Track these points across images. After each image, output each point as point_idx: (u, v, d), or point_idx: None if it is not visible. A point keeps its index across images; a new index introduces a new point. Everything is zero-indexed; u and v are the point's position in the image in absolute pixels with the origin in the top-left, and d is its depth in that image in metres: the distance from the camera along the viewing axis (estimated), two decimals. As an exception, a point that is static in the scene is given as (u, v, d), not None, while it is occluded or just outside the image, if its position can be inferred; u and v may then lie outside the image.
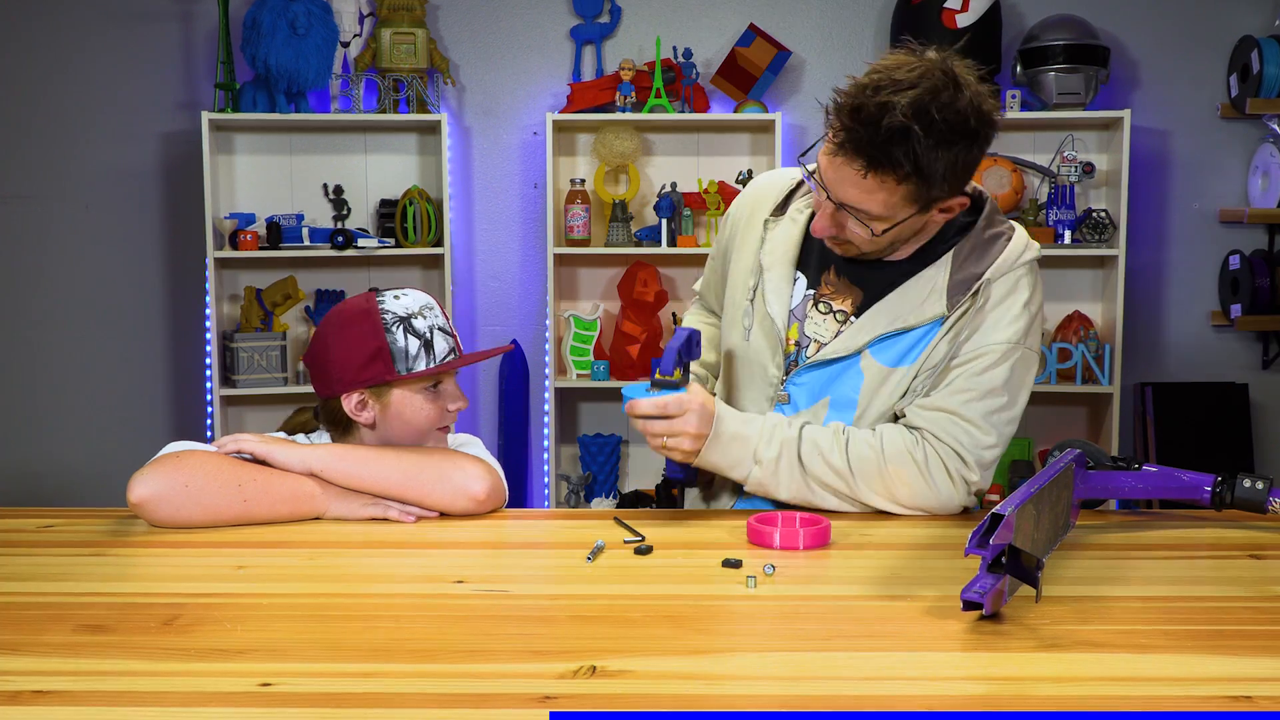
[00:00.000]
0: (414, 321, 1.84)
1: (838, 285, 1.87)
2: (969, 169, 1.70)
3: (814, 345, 1.86)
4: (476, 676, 1.14)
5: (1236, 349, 4.46)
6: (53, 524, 1.76)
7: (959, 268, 1.80)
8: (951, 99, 1.64)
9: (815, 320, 1.87)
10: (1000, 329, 1.79)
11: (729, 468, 1.78)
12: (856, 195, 1.69)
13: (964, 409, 1.78)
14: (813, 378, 1.85)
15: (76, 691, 1.11)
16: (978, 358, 1.78)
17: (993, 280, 1.79)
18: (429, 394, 1.87)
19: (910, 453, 1.77)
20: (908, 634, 1.26)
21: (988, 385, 1.78)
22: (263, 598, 1.40)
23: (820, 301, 1.87)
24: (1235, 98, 4.31)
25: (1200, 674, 1.14)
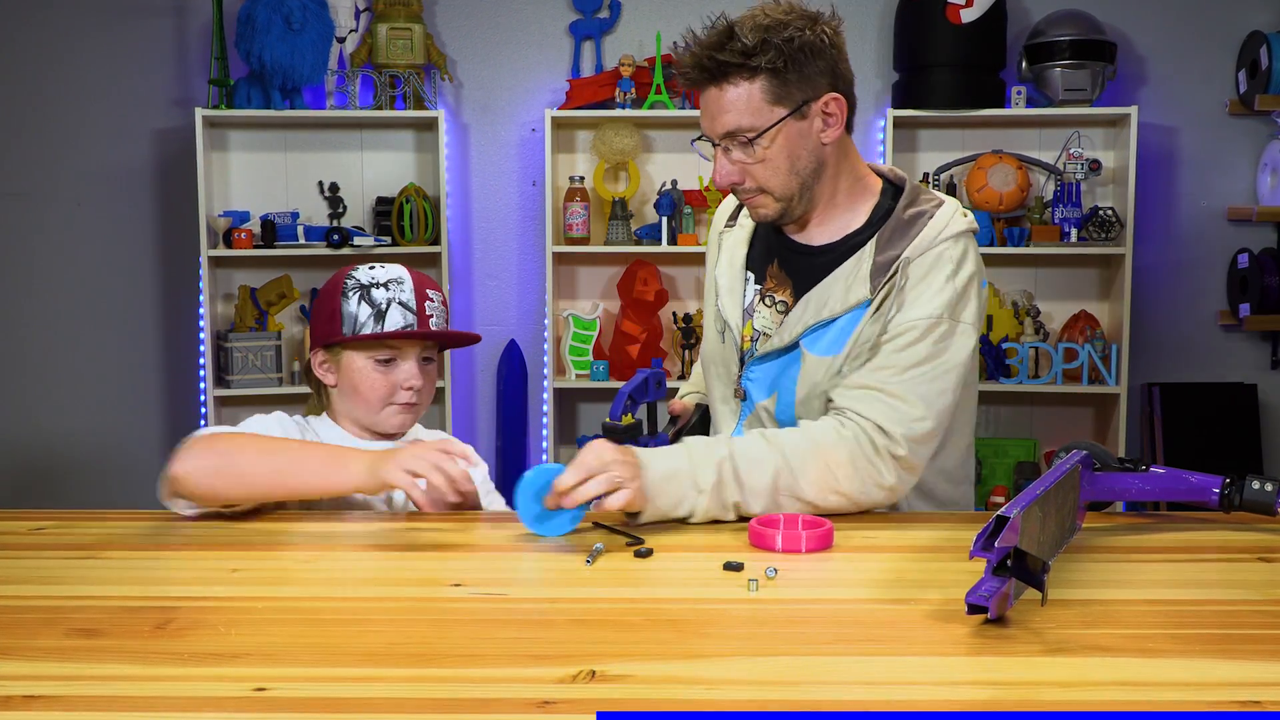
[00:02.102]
0: (373, 291, 1.89)
1: (778, 277, 1.92)
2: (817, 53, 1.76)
3: (763, 338, 1.90)
4: (474, 681, 1.13)
5: (1245, 349, 4.44)
6: (44, 526, 1.75)
7: (880, 250, 1.82)
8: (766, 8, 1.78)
9: (762, 313, 1.92)
10: (921, 304, 1.78)
11: (674, 507, 1.69)
12: (726, 117, 1.77)
13: (886, 384, 1.77)
14: (763, 371, 1.91)
15: (68, 696, 1.10)
16: (900, 334, 1.78)
17: (911, 259, 1.80)
18: (379, 366, 1.91)
19: (838, 433, 1.74)
20: (912, 638, 1.25)
21: (909, 360, 1.77)
22: (257, 601, 1.39)
23: (765, 295, 1.92)
24: (1244, 94, 4.29)
25: (1208, 678, 1.13)
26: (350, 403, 1.94)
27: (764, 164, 1.80)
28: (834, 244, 1.88)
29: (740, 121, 1.77)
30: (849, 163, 1.89)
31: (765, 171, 1.81)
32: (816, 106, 1.80)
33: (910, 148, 4.37)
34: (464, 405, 4.44)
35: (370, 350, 1.90)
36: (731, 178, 1.83)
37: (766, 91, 1.76)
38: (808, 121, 1.80)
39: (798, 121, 1.79)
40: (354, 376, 1.91)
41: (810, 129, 1.80)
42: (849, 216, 1.89)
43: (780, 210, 1.86)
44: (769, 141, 1.78)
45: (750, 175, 1.82)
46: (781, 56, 1.74)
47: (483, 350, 4.46)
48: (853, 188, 1.89)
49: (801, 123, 1.79)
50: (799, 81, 1.76)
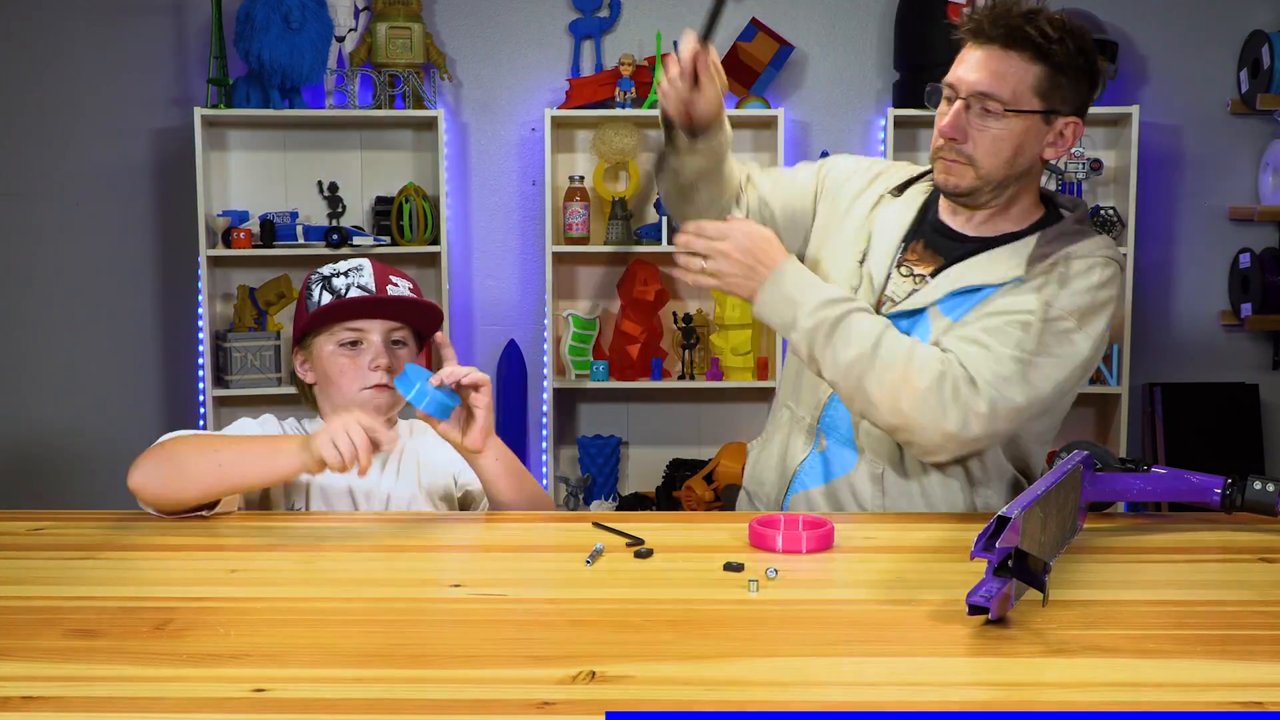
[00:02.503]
0: (334, 280, 1.92)
1: (922, 254, 1.92)
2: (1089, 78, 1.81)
3: (889, 304, 1.90)
4: (474, 682, 1.13)
5: (1246, 349, 4.44)
6: (43, 526, 1.75)
7: (1042, 247, 1.84)
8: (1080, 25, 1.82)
9: (895, 281, 1.91)
10: (1064, 296, 1.78)
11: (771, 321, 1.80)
12: (988, 78, 1.77)
13: (995, 346, 1.75)
14: None
15: (67, 697, 1.10)
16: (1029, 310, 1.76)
17: (1074, 255, 1.81)
18: (344, 350, 1.92)
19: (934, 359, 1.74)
20: (912, 639, 1.25)
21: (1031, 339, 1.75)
22: (256, 601, 1.39)
23: (903, 264, 1.92)
24: (1246, 93, 4.28)
25: (1209, 679, 1.13)
26: (327, 394, 1.94)
27: (994, 139, 1.79)
28: (990, 237, 1.89)
29: (1002, 91, 1.77)
30: (1036, 184, 1.91)
31: (989, 146, 1.80)
32: (1062, 121, 1.82)
33: (911, 147, 4.36)
34: (463, 405, 4.42)
35: (336, 335, 1.91)
36: (957, 130, 1.80)
37: (1039, 81, 1.77)
38: (1048, 129, 1.81)
39: (1042, 123, 1.80)
40: (325, 365, 1.92)
41: (1044, 136, 1.82)
42: (1011, 225, 1.90)
43: (972, 188, 1.84)
44: (1010, 123, 1.78)
45: (975, 141, 1.80)
46: (1071, 61, 1.77)
47: (482, 350, 4.45)
48: (1029, 205, 1.91)
49: (1043, 126, 1.81)
50: (1067, 89, 1.79)
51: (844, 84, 4.39)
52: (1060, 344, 1.76)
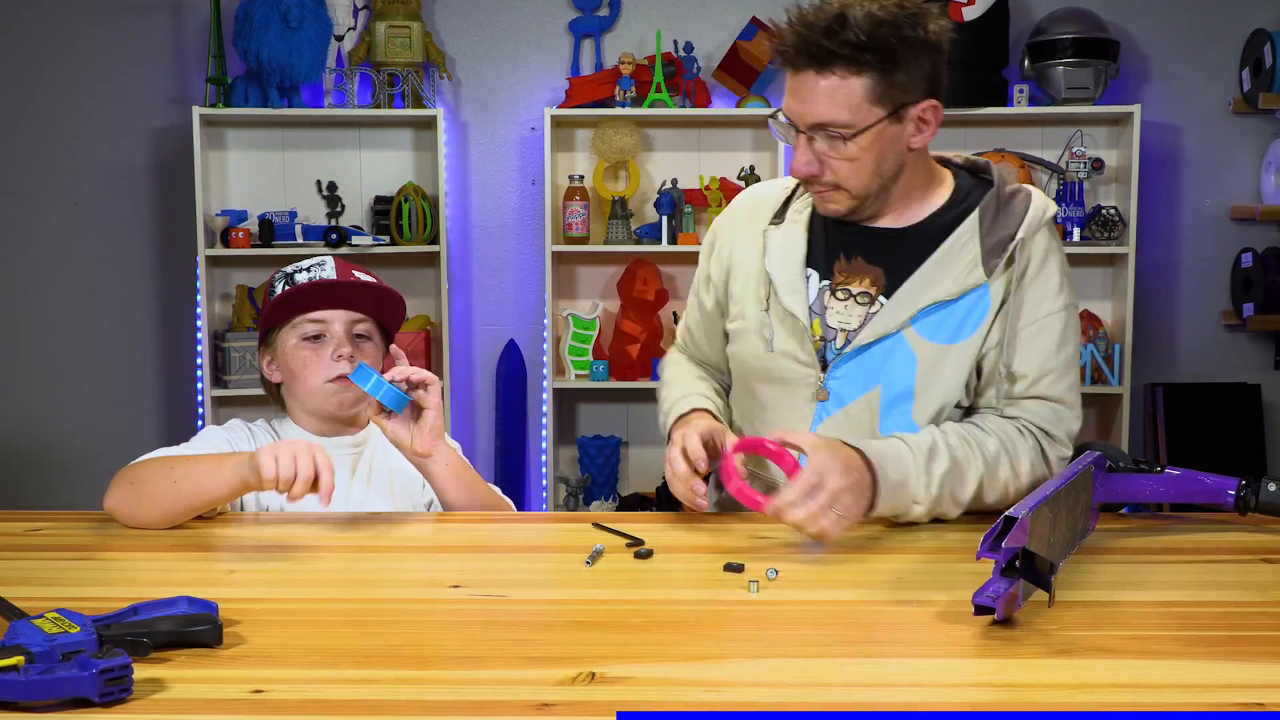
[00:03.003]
0: (296, 276, 1.91)
1: (851, 268, 1.83)
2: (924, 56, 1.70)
3: (841, 335, 1.81)
4: (473, 683, 1.13)
5: (1249, 349, 4.42)
6: (40, 527, 1.75)
7: (988, 230, 1.78)
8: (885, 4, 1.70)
9: (836, 309, 1.82)
10: (1050, 296, 1.79)
11: (890, 516, 1.69)
12: (821, 108, 1.69)
13: (1051, 390, 1.79)
14: (854, 367, 1.80)
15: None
16: (1043, 332, 1.78)
17: (1027, 239, 1.78)
18: (307, 343, 1.90)
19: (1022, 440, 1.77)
20: (917, 639, 1.25)
21: (1065, 360, 1.80)
22: (255, 602, 1.37)
23: (837, 290, 1.82)
24: (1248, 92, 4.27)
25: (1212, 680, 1.13)
26: (294, 391, 1.93)
27: (849, 163, 1.73)
28: (920, 224, 1.82)
29: (837, 115, 1.69)
30: (924, 159, 1.83)
31: (848, 170, 1.73)
32: (914, 112, 1.73)
33: (912, 146, 4.33)
34: (463, 405, 4.42)
35: (297, 329, 1.90)
36: (811, 169, 1.74)
37: (869, 90, 1.68)
38: (901, 125, 1.73)
39: (892, 125, 1.72)
40: (289, 361, 1.91)
41: (902, 133, 1.74)
42: (924, 203, 1.83)
43: (852, 207, 1.79)
44: (860, 142, 1.71)
45: (831, 170, 1.74)
46: (892, 57, 1.67)
47: (482, 350, 4.43)
48: (927, 181, 1.84)
49: (895, 126, 1.72)
50: (903, 84, 1.70)
51: (845, 83, 4.36)
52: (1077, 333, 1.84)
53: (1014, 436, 1.76)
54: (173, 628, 1.19)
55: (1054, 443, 1.78)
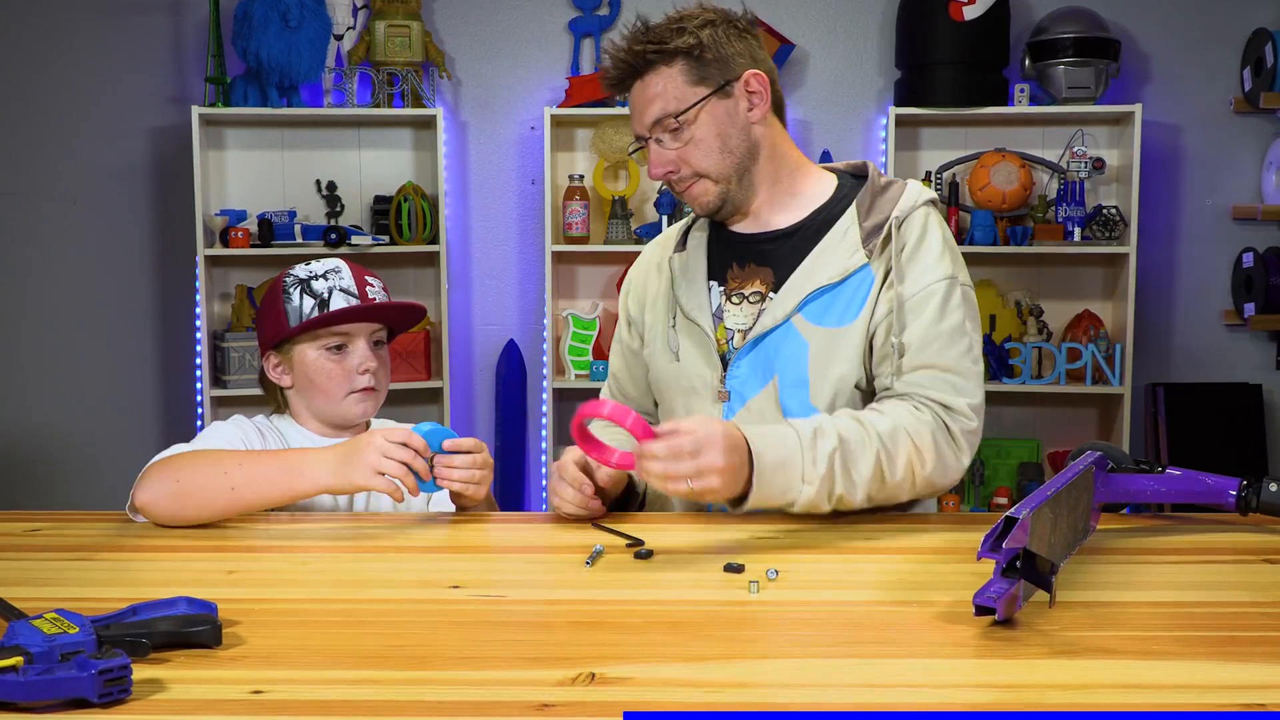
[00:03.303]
0: (312, 283, 1.91)
1: (743, 274, 1.90)
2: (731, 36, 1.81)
3: (739, 335, 1.87)
4: (473, 684, 1.12)
5: (1250, 349, 4.42)
6: (39, 527, 1.75)
7: (865, 215, 1.84)
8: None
9: (731, 313, 1.89)
10: (932, 267, 1.80)
11: (777, 497, 1.66)
12: (652, 107, 1.80)
13: (937, 359, 1.78)
14: (749, 362, 1.85)
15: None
16: (925, 302, 1.79)
17: (902, 217, 1.82)
18: (331, 354, 1.91)
19: (917, 416, 1.74)
20: (917, 640, 1.24)
21: (950, 328, 1.79)
22: (254, 603, 1.37)
23: (731, 294, 1.90)
24: (1249, 92, 4.27)
25: (1212, 681, 1.12)
26: (309, 398, 1.94)
27: (695, 145, 1.81)
28: (803, 221, 1.88)
29: (666, 106, 1.79)
30: (785, 146, 1.90)
31: (697, 153, 1.81)
32: (739, 86, 1.82)
33: (912, 146, 4.34)
34: (462, 406, 4.41)
35: (320, 340, 1.90)
36: (665, 166, 1.83)
37: (686, 73, 1.79)
38: (733, 100, 1.82)
39: (722, 100, 1.81)
40: (308, 370, 1.91)
41: (737, 108, 1.82)
42: (803, 198, 1.90)
43: (721, 195, 1.85)
44: (694, 119, 1.80)
45: (684, 160, 1.82)
46: (697, 39, 1.78)
47: (481, 350, 4.43)
48: (796, 171, 1.90)
49: (726, 101, 1.81)
50: (717, 62, 1.80)
51: (845, 82, 4.37)
52: (969, 311, 1.82)
53: (910, 413, 1.74)
54: (172, 628, 1.18)
55: (954, 415, 1.76)
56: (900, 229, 1.81)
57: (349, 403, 1.92)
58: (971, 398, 1.78)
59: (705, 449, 1.56)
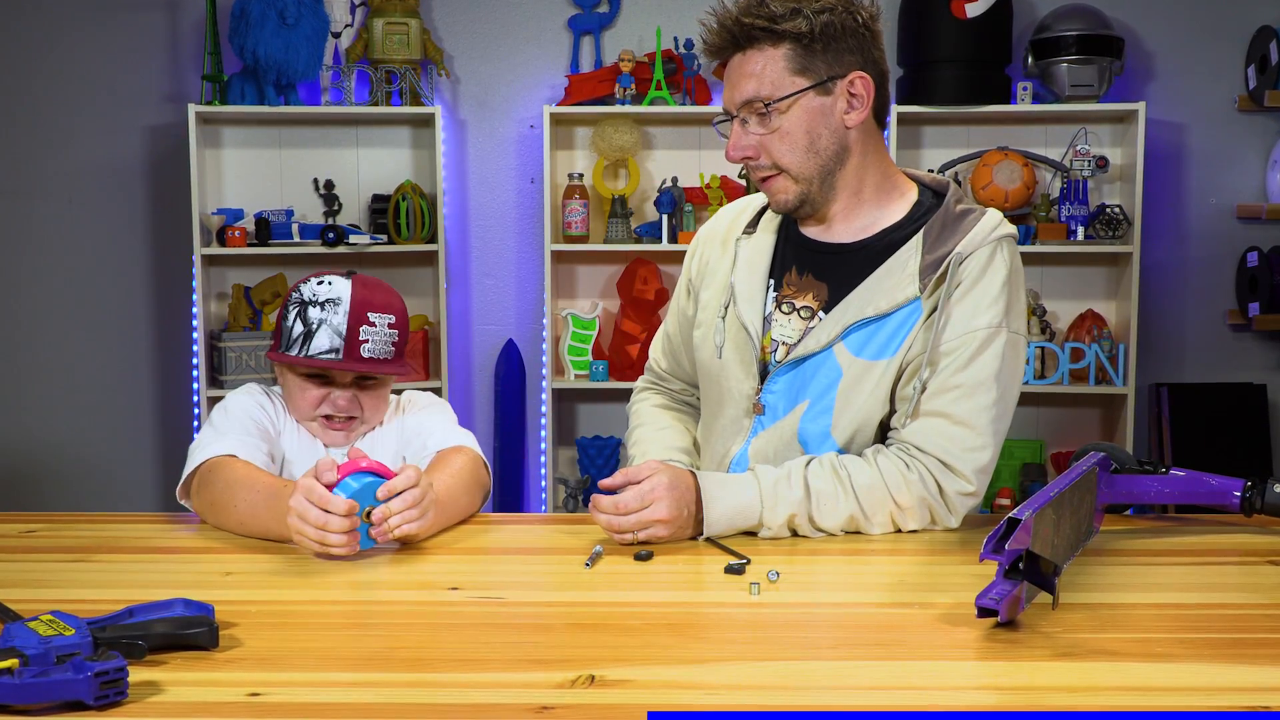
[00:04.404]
0: (309, 309, 1.87)
1: (799, 283, 1.82)
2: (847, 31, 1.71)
3: (782, 348, 1.80)
4: (471, 686, 1.12)
5: (1254, 349, 4.40)
6: (35, 529, 1.75)
7: (930, 247, 1.73)
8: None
9: (780, 322, 1.82)
10: (980, 312, 1.70)
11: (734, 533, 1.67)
12: (747, 85, 1.71)
13: (952, 409, 1.68)
14: (787, 381, 1.79)
15: None
16: (960, 348, 1.69)
17: (964, 255, 1.71)
18: (307, 381, 1.90)
19: (905, 475, 1.67)
20: (919, 642, 1.24)
21: (975, 379, 1.69)
22: (251, 605, 1.37)
23: (783, 302, 1.82)
24: (1253, 90, 4.25)
25: (1216, 683, 1.13)
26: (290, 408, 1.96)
27: (781, 137, 1.72)
28: (869, 240, 1.79)
29: (760, 89, 1.70)
30: (877, 155, 1.80)
31: (782, 146, 1.73)
32: (842, 85, 1.72)
33: (914, 144, 4.32)
34: (461, 406, 4.40)
35: (298, 367, 1.89)
36: (745, 151, 1.75)
37: (790, 59, 1.70)
38: (831, 99, 1.72)
39: (820, 96, 1.72)
40: (288, 385, 1.93)
41: (833, 107, 1.73)
42: (880, 213, 1.80)
43: (800, 195, 1.76)
44: (786, 110, 1.71)
45: (766, 149, 1.74)
46: (810, 26, 1.68)
47: (480, 350, 4.41)
48: (882, 184, 1.80)
49: (824, 99, 1.72)
50: (825, 54, 1.70)
51: (846, 80, 4.34)
52: (1011, 361, 1.73)
53: (898, 470, 1.67)
54: (168, 630, 1.19)
55: (953, 475, 1.68)
56: (960, 266, 1.71)
57: (315, 427, 1.93)
58: (977, 458, 1.69)
59: (652, 502, 1.59)
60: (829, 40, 1.70)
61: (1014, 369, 1.73)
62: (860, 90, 1.73)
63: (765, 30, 1.69)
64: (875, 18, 1.76)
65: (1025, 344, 1.77)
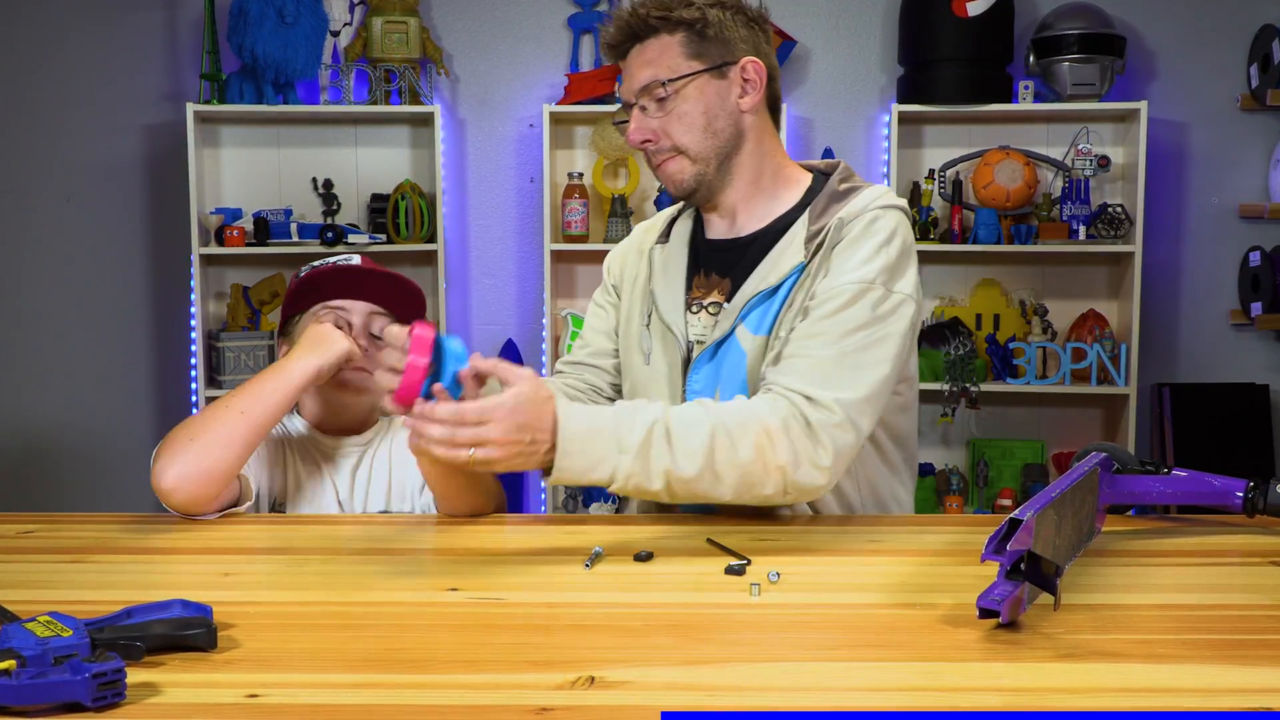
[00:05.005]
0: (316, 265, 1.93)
1: (706, 284, 1.87)
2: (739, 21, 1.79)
3: (698, 347, 1.85)
4: (470, 687, 1.12)
5: (1257, 349, 4.39)
6: (33, 529, 1.75)
7: (815, 219, 1.79)
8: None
9: (692, 323, 1.87)
10: (857, 267, 1.71)
11: (590, 469, 1.55)
12: (644, 73, 1.78)
13: (815, 351, 1.67)
14: (703, 376, 1.82)
15: None
16: (830, 299, 1.70)
17: (848, 219, 1.76)
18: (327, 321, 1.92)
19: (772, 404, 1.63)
20: (920, 643, 1.23)
21: (841, 327, 1.68)
22: (249, 605, 1.36)
23: (692, 304, 1.88)
24: (1256, 89, 4.23)
25: (1218, 684, 1.12)
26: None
27: (679, 118, 1.78)
28: (766, 228, 1.85)
29: (657, 73, 1.77)
30: (772, 144, 1.87)
31: (680, 126, 1.78)
32: (735, 71, 1.80)
33: (915, 143, 4.31)
34: (461, 406, 4.38)
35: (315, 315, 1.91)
36: (645, 134, 1.80)
37: (685, 45, 1.77)
38: (726, 83, 1.79)
39: (715, 79, 1.79)
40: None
41: (728, 91, 1.80)
42: (775, 203, 1.86)
43: (696, 176, 1.81)
44: (683, 90, 1.77)
45: (665, 132, 1.79)
46: (702, 14, 1.77)
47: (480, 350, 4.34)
48: (778, 173, 1.87)
49: (719, 82, 1.79)
50: (718, 41, 1.78)
51: (847, 79, 4.34)
52: (882, 319, 1.70)
53: (762, 399, 1.65)
54: (167, 631, 1.18)
55: (816, 405, 1.62)
56: (843, 228, 1.75)
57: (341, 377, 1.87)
58: (840, 392, 1.64)
59: (492, 418, 1.48)
60: (721, 27, 1.78)
61: (892, 328, 1.71)
62: (753, 75, 1.80)
63: (661, 19, 1.77)
64: (764, 16, 1.85)
65: (914, 308, 1.74)
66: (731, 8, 1.80)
